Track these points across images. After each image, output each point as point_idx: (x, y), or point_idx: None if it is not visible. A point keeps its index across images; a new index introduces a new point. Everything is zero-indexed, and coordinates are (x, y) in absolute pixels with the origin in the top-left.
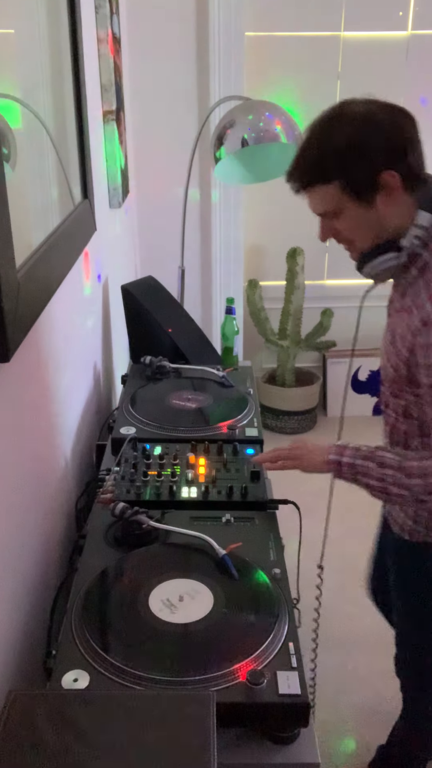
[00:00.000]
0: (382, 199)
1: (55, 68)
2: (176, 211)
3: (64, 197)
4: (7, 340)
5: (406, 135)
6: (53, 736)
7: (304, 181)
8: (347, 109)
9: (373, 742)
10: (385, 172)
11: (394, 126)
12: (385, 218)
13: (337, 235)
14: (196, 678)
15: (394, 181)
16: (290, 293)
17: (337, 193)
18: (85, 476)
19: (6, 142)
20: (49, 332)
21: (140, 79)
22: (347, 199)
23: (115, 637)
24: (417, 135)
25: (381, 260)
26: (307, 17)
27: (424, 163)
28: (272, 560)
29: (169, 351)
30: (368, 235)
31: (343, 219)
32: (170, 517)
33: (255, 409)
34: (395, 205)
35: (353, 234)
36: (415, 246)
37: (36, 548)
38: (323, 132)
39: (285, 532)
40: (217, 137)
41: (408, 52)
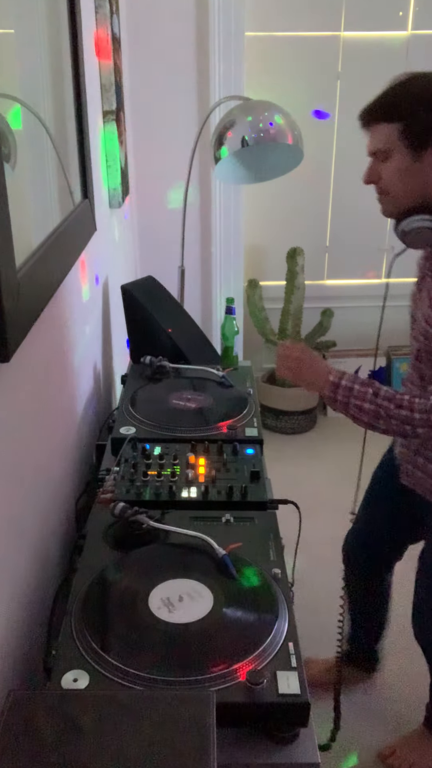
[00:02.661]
0: (429, 157)
1: (55, 68)
2: (176, 211)
3: (64, 197)
4: (7, 340)
5: None
6: (53, 736)
7: (373, 117)
8: (429, 72)
9: (373, 741)
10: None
11: None
12: (426, 177)
13: (377, 180)
14: (196, 678)
15: None
16: (290, 293)
17: (394, 135)
18: (85, 476)
19: (6, 142)
20: (49, 332)
21: (140, 79)
22: (401, 144)
23: (115, 637)
24: None
25: (416, 218)
26: (307, 17)
27: None
28: (272, 560)
29: (169, 351)
30: (404, 188)
31: (390, 163)
32: (170, 517)
33: (255, 409)
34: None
35: (392, 181)
36: None
37: (36, 548)
38: (407, 81)
39: (285, 532)
40: (217, 137)
41: (408, 52)
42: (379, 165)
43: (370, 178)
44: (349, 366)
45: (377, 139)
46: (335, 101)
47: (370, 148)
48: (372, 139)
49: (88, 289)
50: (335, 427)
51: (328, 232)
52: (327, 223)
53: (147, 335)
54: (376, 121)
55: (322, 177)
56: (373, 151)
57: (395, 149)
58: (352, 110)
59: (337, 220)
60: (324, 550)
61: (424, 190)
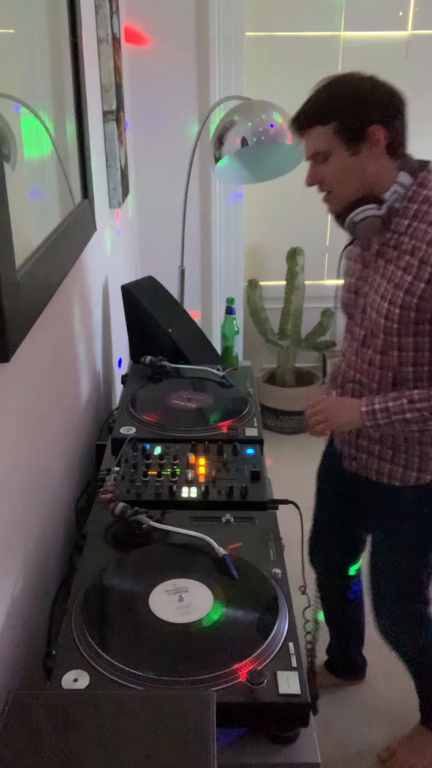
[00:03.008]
0: (367, 151)
1: (55, 68)
2: (176, 211)
3: (64, 197)
4: (7, 340)
5: (399, 105)
6: (53, 736)
7: (307, 121)
8: (357, 72)
9: (373, 741)
10: (375, 125)
11: (392, 93)
12: (366, 170)
13: (320, 180)
14: (196, 678)
15: (380, 136)
16: (290, 293)
17: (330, 134)
18: (85, 476)
19: (6, 142)
20: (49, 332)
21: (140, 79)
22: (338, 142)
23: (115, 637)
24: (406, 114)
25: (364, 208)
26: (307, 17)
27: (406, 140)
28: (272, 560)
29: (169, 351)
30: (348, 184)
31: (330, 163)
32: (170, 517)
33: (255, 409)
34: (377, 161)
35: (335, 179)
36: (395, 200)
37: (36, 548)
38: (334, 82)
39: (285, 532)
40: (217, 137)
41: (408, 52)
42: (319, 167)
43: (313, 180)
44: None
45: (314, 142)
46: None
47: (309, 151)
48: (309, 144)
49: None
50: None
51: (328, 232)
52: (327, 223)
53: (147, 335)
54: (309, 125)
55: None
56: (312, 154)
57: (333, 148)
58: None
59: None
60: None
61: (365, 181)
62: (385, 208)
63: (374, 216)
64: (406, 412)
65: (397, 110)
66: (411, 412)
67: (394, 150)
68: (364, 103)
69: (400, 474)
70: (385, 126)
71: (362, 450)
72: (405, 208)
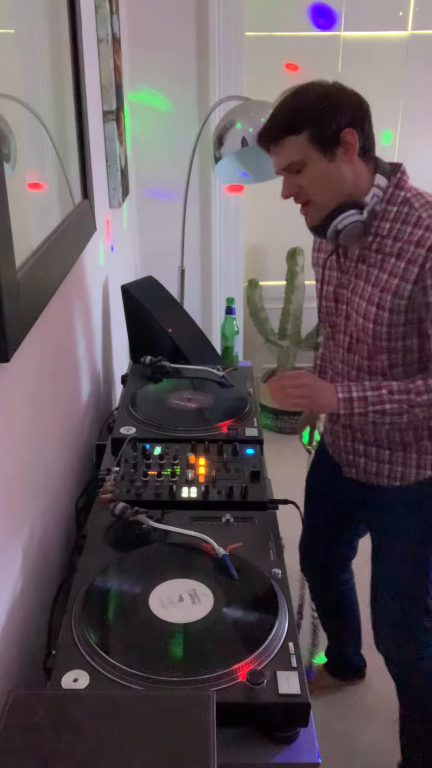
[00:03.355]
0: (342, 156)
1: (55, 68)
2: (176, 211)
3: (64, 197)
4: (7, 340)
5: (366, 108)
6: (53, 736)
7: (277, 133)
8: (319, 80)
9: (373, 741)
10: (348, 128)
11: (358, 97)
12: (344, 175)
13: (298, 192)
14: (196, 678)
15: (353, 140)
16: (290, 293)
17: (304, 143)
18: (85, 476)
19: (6, 142)
20: (49, 332)
21: (140, 79)
22: (313, 150)
23: (115, 637)
24: (371, 117)
25: (346, 214)
26: (307, 17)
27: (374, 141)
28: (272, 560)
29: (169, 351)
30: (327, 191)
31: (307, 172)
32: (170, 517)
33: (255, 409)
34: (352, 164)
35: (314, 188)
36: (376, 203)
37: (36, 548)
38: (299, 92)
39: (285, 532)
40: (217, 137)
41: (408, 52)
42: (294, 177)
43: (290, 192)
44: None
45: (288, 153)
46: None
47: (282, 163)
48: (281, 155)
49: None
50: None
51: None
52: None
53: (147, 335)
54: (281, 136)
55: None
56: (286, 165)
57: (308, 157)
58: None
59: None
60: None
61: (344, 186)
62: (367, 212)
63: (357, 221)
64: (385, 403)
65: (365, 113)
66: (390, 403)
67: (365, 153)
68: (335, 108)
69: (400, 473)
70: (356, 129)
71: (359, 455)
72: (385, 210)
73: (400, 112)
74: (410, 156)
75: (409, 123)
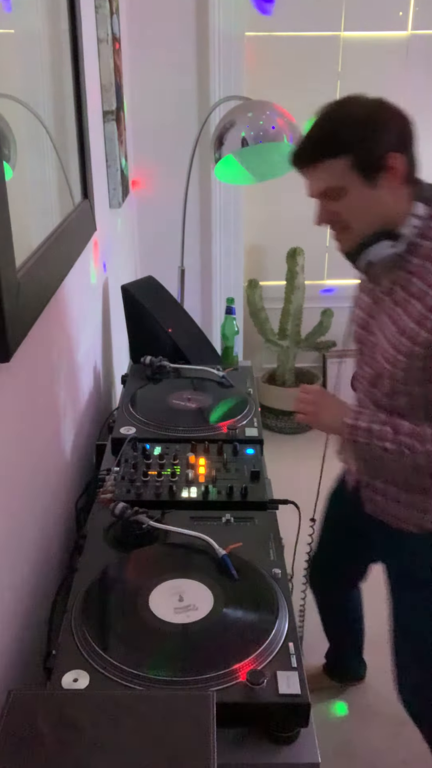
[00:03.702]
0: (385, 182)
1: (55, 68)
2: (176, 211)
3: (64, 197)
4: (7, 340)
5: (412, 128)
6: (53, 736)
7: (314, 155)
8: (360, 95)
9: (373, 742)
10: (392, 152)
11: (404, 116)
12: (386, 203)
13: (334, 219)
14: (196, 678)
15: (400, 164)
16: (290, 293)
17: (345, 168)
18: (85, 476)
19: (6, 142)
20: (49, 332)
21: (140, 79)
22: (354, 176)
23: (115, 637)
24: (415, 135)
25: (382, 245)
26: (307, 17)
27: (418, 163)
28: (272, 560)
29: (169, 351)
30: (367, 219)
31: (346, 199)
32: (170, 517)
33: (255, 409)
34: (395, 191)
35: (353, 216)
36: (414, 235)
37: (36, 548)
38: (339, 109)
39: (285, 532)
40: (217, 137)
41: (408, 52)
42: (330, 204)
43: (325, 219)
44: (349, 366)
45: (326, 178)
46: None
47: (318, 188)
48: (317, 180)
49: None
50: None
51: (328, 232)
52: None
53: (147, 335)
54: (319, 159)
55: None
56: (322, 191)
57: (348, 183)
58: None
59: None
60: None
61: (385, 214)
62: (405, 243)
63: (392, 254)
64: (386, 441)
65: (410, 134)
66: (392, 443)
67: (409, 177)
68: (379, 130)
69: (419, 519)
70: (401, 152)
71: (379, 492)
72: (418, 245)
73: None
74: None
75: None
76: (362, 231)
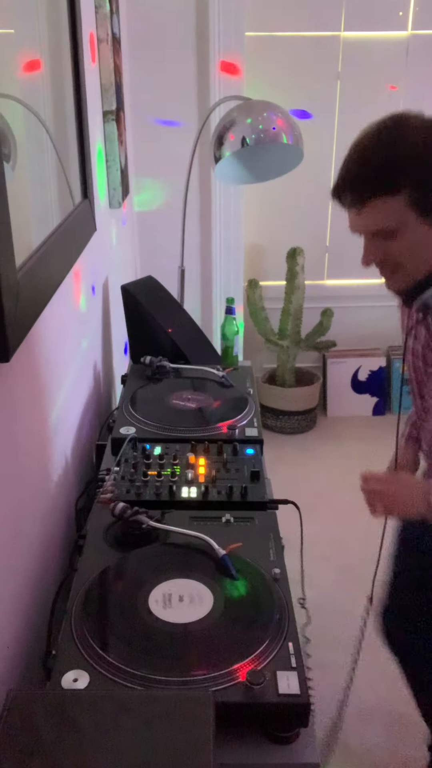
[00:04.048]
0: None
1: (55, 68)
2: (176, 211)
3: (64, 197)
4: (7, 340)
5: None
6: (53, 736)
7: (366, 192)
8: (409, 115)
9: (373, 741)
10: None
11: None
12: None
13: (385, 259)
14: (195, 678)
15: None
16: (290, 293)
17: (402, 206)
18: (85, 476)
19: (6, 142)
20: (49, 332)
21: (140, 79)
22: (413, 214)
23: (115, 637)
24: None
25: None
26: (307, 17)
27: None
28: (272, 560)
29: (169, 351)
30: (423, 260)
31: (402, 239)
32: (170, 517)
33: (255, 409)
34: None
35: (407, 257)
36: None
37: (36, 548)
38: (390, 135)
39: (285, 532)
40: (217, 137)
41: (408, 52)
42: (380, 243)
43: (375, 259)
44: (349, 366)
45: (379, 217)
46: (335, 101)
47: (369, 228)
48: (369, 219)
49: (84, 302)
50: (335, 427)
51: (328, 232)
52: (327, 223)
53: (147, 335)
54: (372, 196)
55: (322, 177)
56: (374, 231)
57: (404, 223)
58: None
59: (337, 220)
60: (324, 549)
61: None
62: None
63: None
64: None
65: None
66: None
67: None
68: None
69: None
70: None
71: None
72: None
73: None
74: None
75: None
76: (418, 272)
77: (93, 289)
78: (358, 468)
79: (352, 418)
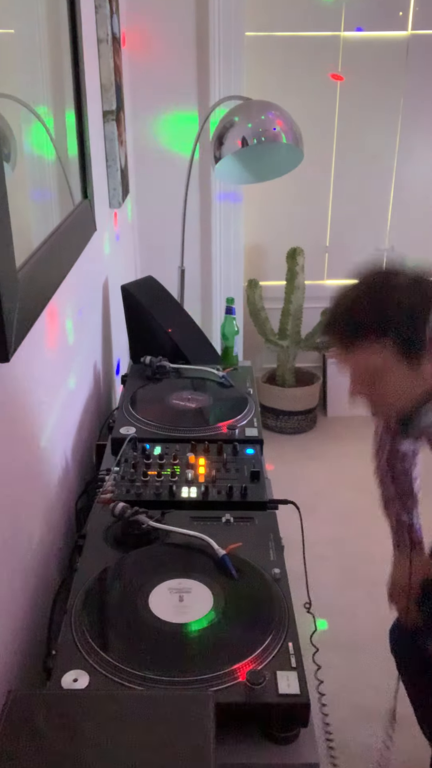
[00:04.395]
0: (428, 361)
1: (55, 68)
2: (176, 211)
3: (64, 197)
4: (7, 340)
5: None
6: (53, 736)
7: (351, 335)
8: (396, 273)
9: (373, 741)
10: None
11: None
12: (427, 378)
13: (369, 396)
14: (195, 678)
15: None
16: (290, 293)
17: (386, 351)
18: (85, 476)
19: (6, 142)
20: (49, 332)
21: (140, 79)
22: (396, 359)
23: (115, 637)
24: None
25: (429, 411)
26: (307, 17)
27: None
28: (272, 560)
29: (169, 351)
30: (405, 399)
31: (386, 381)
32: (170, 517)
33: (255, 409)
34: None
35: (393, 396)
36: None
37: (36, 548)
38: (382, 285)
39: (285, 532)
40: (217, 137)
41: (408, 52)
42: (365, 382)
43: (359, 394)
44: None
45: (363, 362)
46: (335, 101)
47: (355, 370)
48: (352, 362)
49: (86, 301)
50: (335, 427)
51: (328, 232)
52: (327, 223)
53: (147, 335)
54: (363, 338)
55: (322, 177)
56: (361, 373)
57: (389, 366)
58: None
59: (337, 220)
60: (324, 550)
61: (424, 391)
62: None
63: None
64: None
65: None
66: None
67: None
68: (426, 307)
69: None
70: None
71: None
72: None
73: (400, 112)
74: (410, 156)
75: (409, 123)
76: (400, 408)
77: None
78: (358, 468)
79: (352, 418)
